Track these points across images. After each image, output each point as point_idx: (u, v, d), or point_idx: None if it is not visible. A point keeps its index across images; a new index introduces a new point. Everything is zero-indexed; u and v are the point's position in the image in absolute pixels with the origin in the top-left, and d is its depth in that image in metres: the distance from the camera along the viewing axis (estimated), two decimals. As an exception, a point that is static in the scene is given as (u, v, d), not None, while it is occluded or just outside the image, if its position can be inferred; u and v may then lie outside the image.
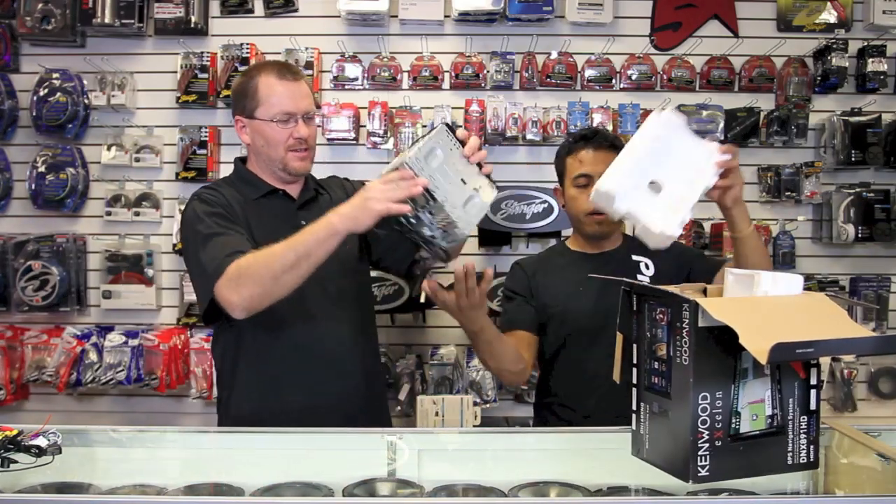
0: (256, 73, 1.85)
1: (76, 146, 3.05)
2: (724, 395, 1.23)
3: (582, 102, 3.03)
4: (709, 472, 1.22)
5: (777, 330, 1.15)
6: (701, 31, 3.14)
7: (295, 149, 1.83)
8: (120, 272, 3.03)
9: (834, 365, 3.08)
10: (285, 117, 1.80)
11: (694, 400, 1.21)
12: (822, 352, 1.17)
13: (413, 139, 2.61)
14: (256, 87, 1.81)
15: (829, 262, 3.15)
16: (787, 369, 1.28)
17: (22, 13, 2.97)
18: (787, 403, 1.28)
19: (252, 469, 1.53)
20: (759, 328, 1.16)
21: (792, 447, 1.29)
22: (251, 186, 1.88)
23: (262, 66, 1.91)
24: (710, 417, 1.22)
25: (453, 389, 2.93)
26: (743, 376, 1.25)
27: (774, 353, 1.09)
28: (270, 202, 1.87)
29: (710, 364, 1.22)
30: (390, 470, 1.51)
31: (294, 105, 1.81)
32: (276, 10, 3.10)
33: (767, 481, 1.35)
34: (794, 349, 1.13)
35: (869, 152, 3.01)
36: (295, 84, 1.83)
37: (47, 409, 3.05)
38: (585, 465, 1.56)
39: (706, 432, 1.22)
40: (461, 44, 3.09)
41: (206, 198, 1.79)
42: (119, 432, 1.66)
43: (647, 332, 1.33)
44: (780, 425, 1.28)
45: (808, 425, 1.30)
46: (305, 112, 1.83)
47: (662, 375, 1.30)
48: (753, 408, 1.26)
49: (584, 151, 2.03)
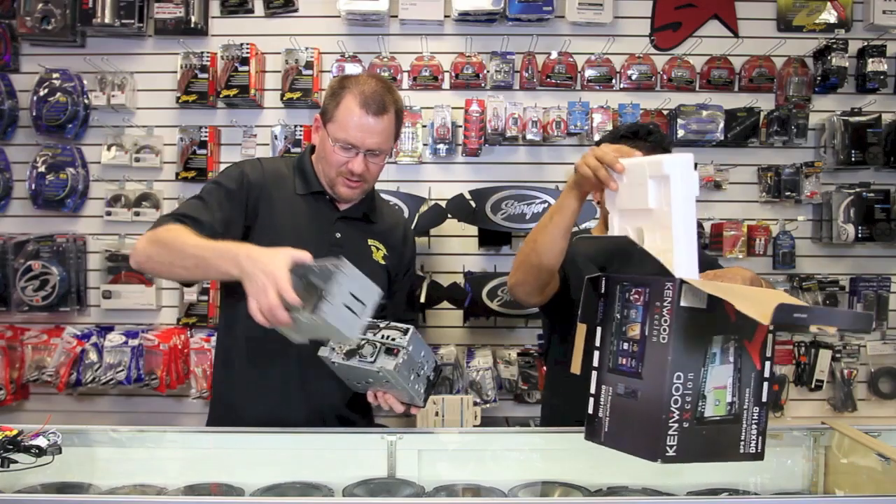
0: (349, 86, 1.75)
1: (76, 146, 3.06)
2: (695, 377, 1.25)
3: (582, 102, 3.04)
4: (675, 453, 1.24)
5: (764, 301, 1.17)
6: (701, 31, 3.14)
7: (346, 177, 1.77)
8: (120, 272, 3.04)
9: (834, 365, 3.08)
10: (346, 146, 1.73)
11: (669, 379, 1.23)
12: (814, 319, 1.19)
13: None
14: (339, 102, 1.74)
15: (829, 262, 3.15)
16: (747, 358, 1.30)
17: (22, 13, 2.98)
18: (743, 392, 1.30)
19: (252, 469, 1.53)
20: (748, 299, 1.19)
21: (744, 436, 1.30)
22: (304, 180, 1.84)
23: (359, 83, 1.77)
24: (681, 398, 1.24)
25: (453, 389, 2.93)
26: (711, 360, 1.27)
27: (778, 312, 1.11)
28: (315, 203, 1.83)
29: (686, 344, 1.25)
30: (390, 470, 1.51)
31: (360, 140, 1.73)
32: (276, 10, 3.10)
33: (768, 481, 1.36)
34: (793, 312, 1.15)
35: (869, 152, 3.01)
36: (373, 119, 1.73)
37: (47, 409, 3.05)
38: (585, 465, 1.56)
39: (676, 412, 1.24)
40: (461, 44, 3.09)
41: (243, 171, 1.79)
42: (119, 432, 1.65)
43: (616, 313, 1.34)
44: (736, 413, 1.30)
45: (759, 416, 1.31)
46: (370, 149, 1.75)
47: (633, 356, 1.31)
48: (717, 393, 1.28)
49: None
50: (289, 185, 1.82)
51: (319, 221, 1.81)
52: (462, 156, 3.11)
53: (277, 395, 1.77)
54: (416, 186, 3.07)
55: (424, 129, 3.07)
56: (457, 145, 3.10)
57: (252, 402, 1.78)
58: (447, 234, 3.04)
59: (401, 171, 3.10)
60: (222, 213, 1.70)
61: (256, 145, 3.07)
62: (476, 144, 3.00)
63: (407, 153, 3.05)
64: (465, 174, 3.12)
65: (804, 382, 3.10)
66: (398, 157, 3.05)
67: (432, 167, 3.12)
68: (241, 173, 1.78)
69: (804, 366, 3.10)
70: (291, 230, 1.75)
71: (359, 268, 1.51)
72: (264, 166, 1.83)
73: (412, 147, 3.04)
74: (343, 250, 1.75)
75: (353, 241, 1.83)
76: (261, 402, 1.77)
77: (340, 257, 1.34)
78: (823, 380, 3.08)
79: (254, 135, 3.08)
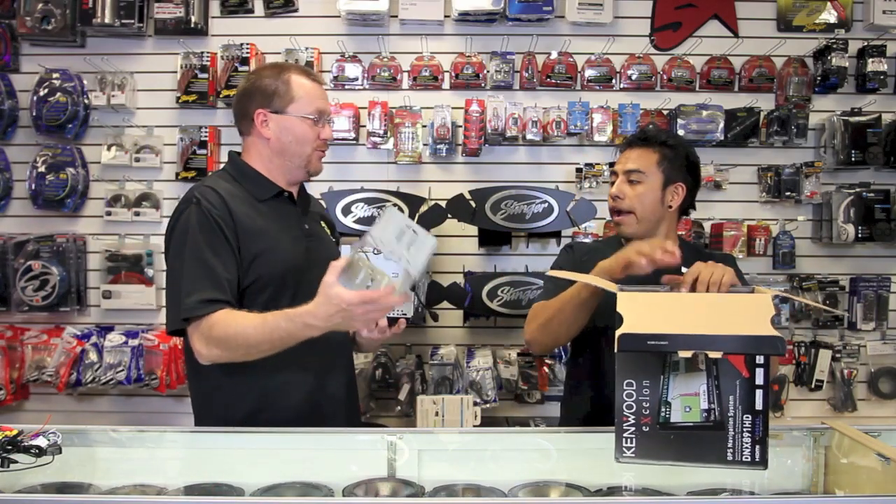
0: (285, 71, 1.85)
1: (76, 146, 3.06)
2: (652, 385, 1.32)
3: (582, 102, 3.04)
4: (634, 454, 1.32)
5: (664, 323, 1.30)
6: (701, 31, 3.14)
7: (320, 149, 1.87)
8: (120, 272, 3.04)
9: (834, 365, 3.08)
10: (318, 115, 1.83)
11: (620, 386, 1.33)
12: (678, 345, 1.30)
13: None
14: (289, 83, 1.81)
15: (829, 262, 3.15)
16: (726, 367, 1.33)
17: (22, 13, 2.98)
18: (726, 400, 1.33)
19: (252, 469, 1.53)
20: (646, 320, 1.32)
21: (733, 444, 1.32)
22: (258, 186, 1.84)
23: (285, 65, 1.93)
24: (636, 403, 1.33)
25: (453, 389, 2.93)
26: (674, 369, 1.33)
27: (622, 342, 1.30)
28: (278, 204, 1.85)
29: (635, 354, 1.32)
30: (390, 470, 1.51)
31: (325, 105, 1.86)
32: (276, 10, 3.10)
33: (768, 481, 1.36)
34: (646, 340, 1.31)
35: (869, 152, 3.01)
36: (321, 87, 1.88)
37: (47, 409, 3.05)
38: (585, 465, 1.56)
39: (632, 417, 1.32)
40: (461, 44, 3.09)
41: (206, 208, 1.72)
42: (119, 432, 1.65)
43: None
44: (717, 420, 1.33)
45: (753, 424, 1.32)
46: (330, 115, 1.91)
47: None
48: (686, 400, 1.33)
49: (623, 151, 2.02)
50: (245, 196, 1.81)
51: (288, 220, 1.85)
52: (462, 156, 3.11)
53: (309, 394, 1.78)
54: (416, 186, 3.07)
55: (424, 129, 3.07)
56: (457, 145, 3.10)
57: (291, 395, 1.78)
58: (447, 234, 3.04)
59: (401, 171, 3.10)
60: (229, 252, 1.71)
61: (256, 145, 3.07)
62: (476, 144, 3.00)
63: (407, 153, 3.05)
64: (465, 174, 3.12)
65: (804, 382, 3.10)
66: (398, 158, 3.05)
67: (432, 167, 3.12)
68: (205, 215, 1.72)
69: (804, 366, 3.10)
70: (271, 234, 1.77)
71: (327, 249, 1.86)
72: (218, 191, 1.77)
73: (412, 147, 3.04)
74: (313, 239, 1.87)
75: (316, 229, 1.93)
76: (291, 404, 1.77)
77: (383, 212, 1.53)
78: (823, 380, 3.08)
79: (254, 135, 3.08)
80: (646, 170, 1.91)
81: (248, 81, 1.87)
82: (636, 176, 1.92)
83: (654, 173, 1.92)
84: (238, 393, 1.78)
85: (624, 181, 1.94)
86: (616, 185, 1.95)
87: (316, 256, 1.80)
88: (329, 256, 1.76)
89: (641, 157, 1.93)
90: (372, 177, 3.08)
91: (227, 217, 1.73)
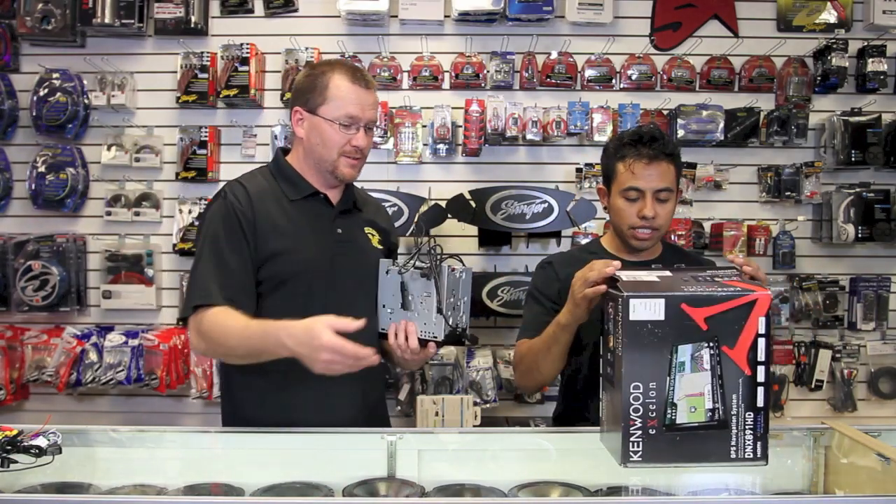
0: (329, 69, 1.77)
1: (76, 146, 3.06)
2: (658, 387, 1.32)
3: (582, 102, 3.03)
4: (641, 458, 1.32)
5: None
6: (701, 31, 3.14)
7: (349, 155, 1.77)
8: (120, 272, 3.04)
9: (834, 365, 3.08)
10: (349, 121, 1.73)
11: (626, 389, 1.32)
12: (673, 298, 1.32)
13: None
14: (327, 83, 1.74)
15: (829, 262, 3.15)
16: (729, 365, 1.34)
17: (22, 13, 2.98)
18: (729, 398, 1.33)
19: (252, 469, 1.53)
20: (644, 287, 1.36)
21: (735, 441, 1.34)
22: (292, 186, 1.81)
23: (337, 64, 1.82)
24: (642, 406, 1.32)
25: (453, 389, 2.93)
26: (680, 369, 1.33)
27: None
28: (310, 205, 1.81)
29: (641, 356, 1.32)
30: (390, 470, 1.51)
31: (360, 111, 1.74)
32: (276, 10, 3.10)
33: (768, 481, 1.36)
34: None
35: (869, 152, 3.01)
36: (366, 91, 1.76)
37: (47, 409, 3.05)
38: (585, 465, 1.56)
39: (638, 420, 1.31)
40: (461, 44, 3.09)
41: (230, 202, 1.73)
42: (119, 432, 1.65)
43: (605, 324, 1.46)
44: (721, 419, 1.33)
45: (755, 421, 1.34)
46: (369, 121, 1.77)
47: (611, 365, 1.40)
48: (691, 400, 1.33)
49: (638, 162, 1.84)
50: (277, 195, 1.79)
51: (320, 221, 1.80)
52: (462, 156, 3.11)
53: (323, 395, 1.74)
54: (416, 186, 3.07)
55: (424, 129, 3.07)
56: (457, 145, 3.10)
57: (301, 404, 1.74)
58: (447, 234, 3.04)
59: (401, 171, 3.09)
60: (244, 253, 1.71)
61: (256, 145, 3.08)
62: (476, 144, 3.00)
63: (407, 153, 3.05)
64: (465, 174, 3.12)
65: (804, 382, 3.10)
66: (398, 157, 3.05)
67: (432, 167, 3.12)
68: (229, 210, 1.73)
69: (804, 366, 3.10)
70: (296, 236, 1.74)
71: (363, 256, 1.80)
72: (247, 188, 1.78)
73: (412, 147, 3.04)
74: (347, 244, 1.80)
75: (353, 234, 1.84)
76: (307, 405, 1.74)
77: None
78: (823, 380, 3.08)
79: (254, 135, 3.08)
80: (672, 186, 1.86)
81: (300, 75, 1.85)
82: (665, 195, 1.85)
83: (675, 188, 1.88)
84: (261, 399, 1.76)
85: (654, 200, 1.84)
86: (649, 206, 1.83)
87: (343, 263, 1.76)
88: (361, 265, 1.76)
89: (667, 174, 1.85)
90: (372, 177, 3.07)
91: (249, 213, 1.73)
